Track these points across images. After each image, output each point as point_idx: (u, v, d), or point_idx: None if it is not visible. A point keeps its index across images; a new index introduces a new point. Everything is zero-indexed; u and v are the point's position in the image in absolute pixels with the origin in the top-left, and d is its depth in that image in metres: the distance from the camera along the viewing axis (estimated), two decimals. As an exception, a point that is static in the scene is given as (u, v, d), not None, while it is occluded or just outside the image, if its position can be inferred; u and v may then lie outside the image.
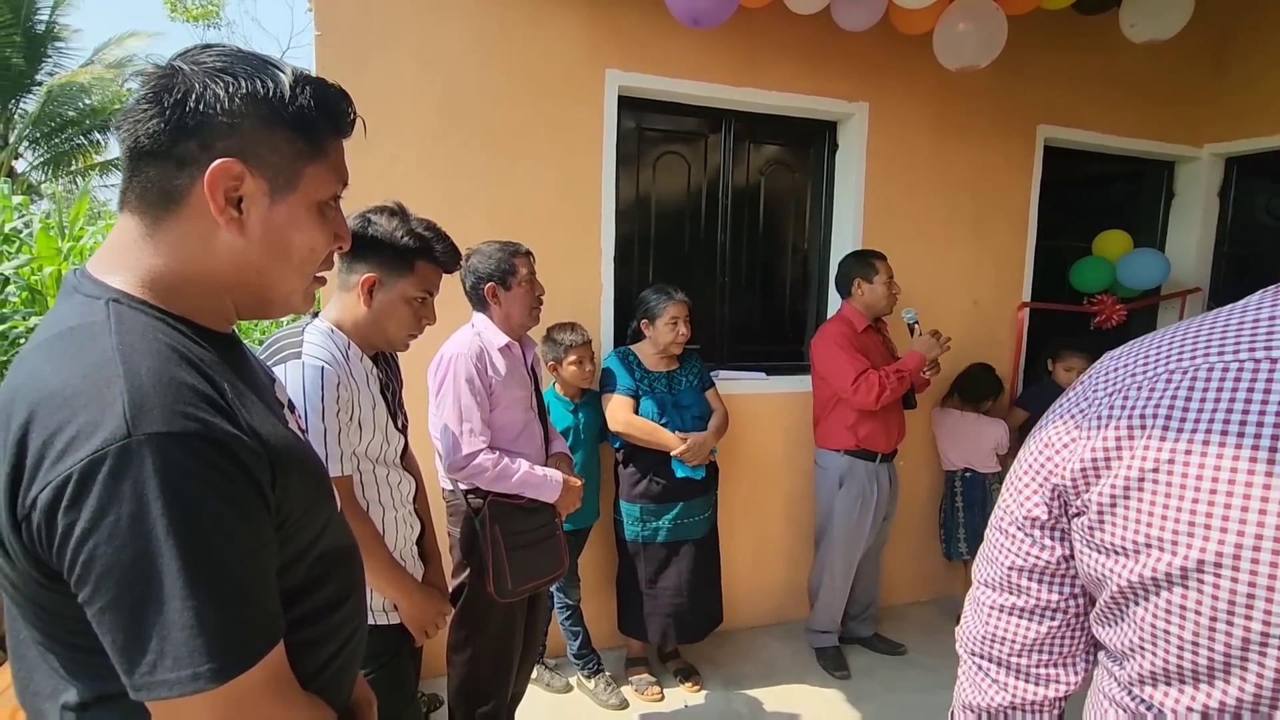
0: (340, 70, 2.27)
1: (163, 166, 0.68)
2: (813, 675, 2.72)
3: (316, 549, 0.79)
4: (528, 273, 1.89)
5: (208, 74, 0.67)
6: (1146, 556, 0.54)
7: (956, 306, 3.23)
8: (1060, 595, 0.65)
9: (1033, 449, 0.66)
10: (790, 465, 3.02)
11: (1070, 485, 0.60)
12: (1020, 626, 0.68)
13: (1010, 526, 0.67)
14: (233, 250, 0.71)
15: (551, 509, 1.91)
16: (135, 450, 0.57)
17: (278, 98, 0.70)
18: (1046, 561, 0.65)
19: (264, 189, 0.71)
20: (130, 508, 0.57)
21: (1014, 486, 0.68)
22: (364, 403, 1.37)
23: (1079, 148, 3.39)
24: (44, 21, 12.25)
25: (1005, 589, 0.68)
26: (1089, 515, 0.59)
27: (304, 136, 0.72)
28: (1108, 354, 0.65)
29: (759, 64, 2.78)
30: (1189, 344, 0.56)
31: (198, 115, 0.66)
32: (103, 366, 0.60)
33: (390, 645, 1.41)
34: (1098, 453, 0.58)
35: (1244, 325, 0.54)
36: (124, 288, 0.68)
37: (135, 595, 0.57)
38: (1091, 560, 0.60)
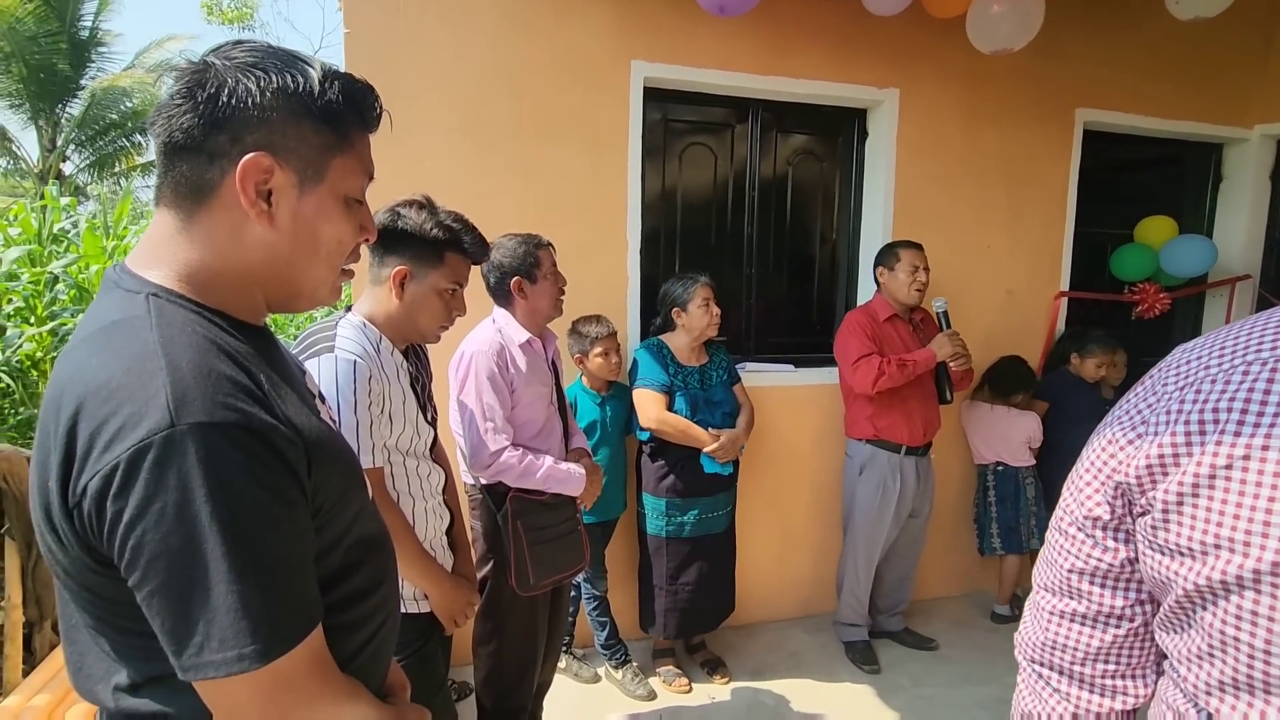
0: (369, 66, 2.30)
1: (195, 161, 0.69)
2: (841, 669, 2.71)
3: (350, 536, 0.81)
4: (550, 265, 1.90)
5: (239, 69, 0.69)
6: (1215, 558, 0.51)
7: (990, 296, 3.16)
8: (1125, 601, 0.62)
9: (1096, 446, 0.63)
10: (818, 458, 2.99)
11: (1134, 483, 0.57)
12: (1082, 634, 0.64)
13: (1070, 527, 0.64)
14: (263, 243, 0.73)
15: (573, 504, 1.92)
16: (179, 439, 0.59)
17: (306, 91, 0.71)
18: (1109, 564, 0.62)
19: (293, 181, 0.73)
20: (175, 495, 0.59)
21: (1075, 485, 0.65)
22: (395, 396, 1.39)
23: (1120, 131, 3.28)
24: (88, 27, 12.66)
25: (1065, 593, 0.65)
26: (1154, 514, 0.56)
27: (331, 129, 0.74)
28: (1180, 346, 0.61)
29: (786, 52, 2.74)
30: (1270, 335, 0.53)
31: (229, 109, 0.68)
32: (145, 359, 0.63)
33: (421, 633, 1.44)
34: (1165, 448, 0.55)
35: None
36: (162, 282, 0.70)
37: (182, 580, 0.60)
38: (1155, 562, 0.57)
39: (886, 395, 2.57)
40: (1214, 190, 3.57)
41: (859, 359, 2.54)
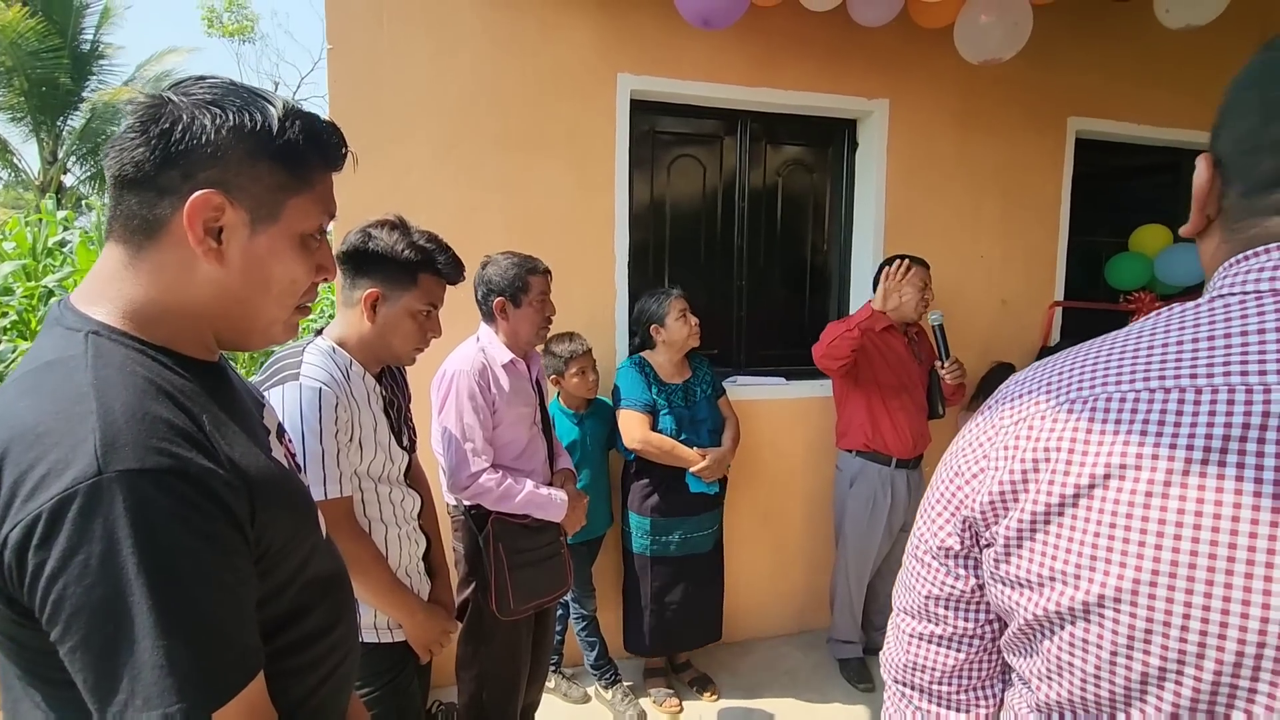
0: (352, 82, 2.30)
1: (145, 195, 0.68)
2: (835, 687, 2.67)
3: (302, 577, 0.79)
4: (540, 291, 1.86)
5: (196, 105, 0.68)
6: (1050, 590, 0.54)
7: (984, 306, 3.13)
8: (975, 623, 0.66)
9: (944, 476, 0.65)
10: (810, 471, 2.96)
11: (979, 517, 0.59)
12: (939, 654, 0.68)
13: (925, 555, 0.67)
14: (212, 280, 0.72)
15: (556, 527, 1.89)
16: (106, 488, 0.57)
17: (264, 130, 0.70)
18: (961, 591, 0.65)
19: (245, 220, 0.71)
20: (100, 547, 0.56)
21: (928, 514, 0.67)
22: (365, 422, 1.36)
23: (1113, 139, 3.25)
24: (89, 40, 12.74)
25: (924, 617, 0.69)
26: (996, 548, 0.58)
27: (288, 169, 0.73)
28: (1013, 376, 0.63)
29: (774, 63, 2.73)
30: (1088, 371, 0.55)
31: (182, 144, 0.67)
32: (76, 402, 0.61)
33: (394, 663, 1.41)
34: (1004, 485, 0.57)
35: (1139, 351, 0.53)
36: (105, 319, 0.68)
37: (106, 635, 0.57)
38: (999, 592, 0.60)
39: (877, 405, 2.55)
40: (1210, 197, 3.53)
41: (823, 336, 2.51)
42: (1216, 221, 0.57)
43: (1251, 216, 0.53)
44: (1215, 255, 0.57)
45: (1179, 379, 0.49)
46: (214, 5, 14.24)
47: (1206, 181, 0.57)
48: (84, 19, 12.47)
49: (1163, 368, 0.51)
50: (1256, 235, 0.53)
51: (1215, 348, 0.49)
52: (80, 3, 12.32)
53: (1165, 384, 0.50)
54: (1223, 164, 0.56)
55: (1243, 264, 0.53)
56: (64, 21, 12.00)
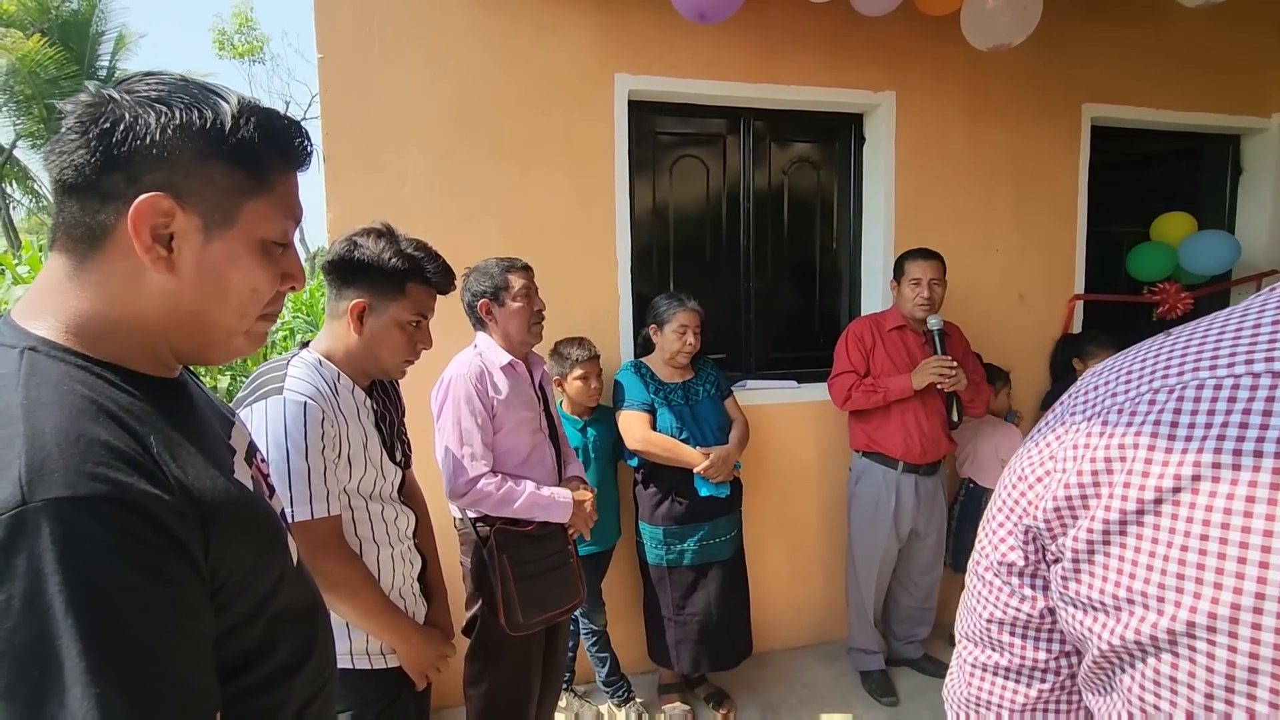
0: (344, 91, 2.26)
1: (87, 201, 0.63)
2: (857, 701, 2.57)
3: (269, 609, 0.73)
4: (522, 287, 1.82)
5: (140, 102, 0.63)
6: (1129, 615, 0.45)
7: (1001, 302, 3.03)
8: (1049, 654, 0.55)
9: (1007, 483, 0.56)
10: (825, 476, 2.87)
11: (1044, 527, 0.51)
12: (1007, 689, 0.58)
13: (987, 573, 0.58)
14: (163, 291, 0.66)
15: (563, 536, 1.83)
16: (30, 519, 0.52)
17: (215, 128, 0.65)
18: (1028, 614, 0.55)
19: (197, 225, 0.66)
20: (23, 584, 0.51)
21: (989, 526, 0.58)
22: (354, 438, 1.31)
23: (1130, 125, 3.14)
24: (105, 67, 13.01)
25: (986, 644, 0.59)
26: (1064, 563, 0.49)
27: (244, 169, 0.68)
28: (1090, 370, 0.55)
29: (776, 58, 2.66)
30: (1176, 356, 0.46)
31: (124, 145, 0.62)
32: (3, 425, 0.55)
33: (388, 690, 1.34)
34: (1072, 489, 0.48)
35: (1242, 331, 0.44)
36: (46, 334, 0.63)
37: (30, 683, 0.51)
38: (1069, 615, 0.50)
39: (882, 408, 2.48)
40: (1234, 183, 3.41)
41: (837, 374, 2.54)
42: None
43: None
44: None
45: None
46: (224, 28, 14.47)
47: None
48: (100, 46, 12.75)
49: (1270, 348, 0.42)
50: None
51: None
52: (97, 31, 12.60)
53: (1274, 366, 0.41)
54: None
55: None
56: (81, 49, 12.27)
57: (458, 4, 2.34)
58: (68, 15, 12.41)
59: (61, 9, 12.35)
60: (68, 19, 12.38)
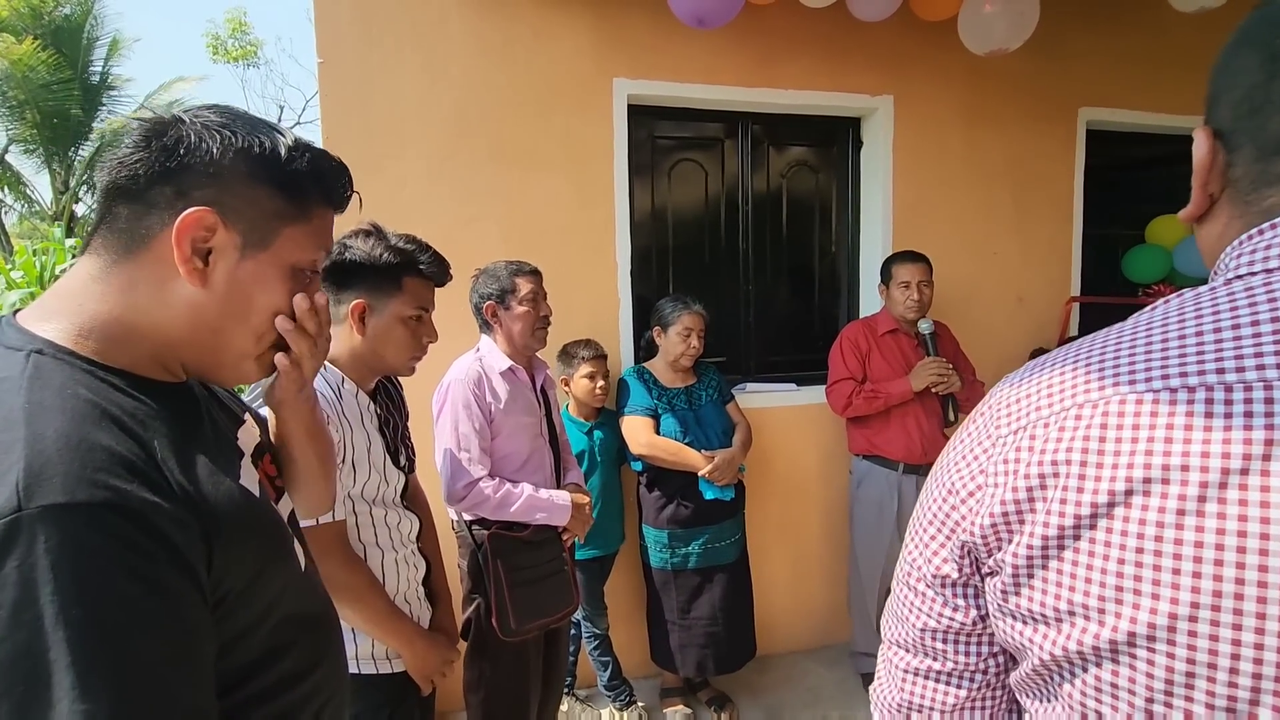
0: (344, 96, 2.26)
1: (134, 208, 0.65)
2: (860, 703, 2.56)
3: (276, 614, 0.72)
4: (530, 292, 1.82)
5: (205, 126, 0.66)
6: (1070, 626, 0.46)
7: (999, 304, 3.04)
8: (978, 656, 0.58)
9: (935, 495, 0.57)
10: (826, 478, 2.88)
11: (980, 542, 0.52)
12: (939, 692, 0.61)
13: (919, 584, 0.59)
14: (190, 303, 0.68)
15: (559, 542, 1.82)
16: (25, 526, 0.51)
17: (270, 155, 0.69)
18: (961, 623, 0.57)
19: (235, 243, 0.68)
20: (13, 594, 0.50)
21: (919, 538, 0.59)
22: (358, 443, 1.31)
23: (1125, 129, 3.17)
24: (99, 72, 12.95)
25: (919, 651, 0.61)
26: (1002, 576, 0.51)
27: (288, 198, 0.71)
28: (1006, 379, 0.56)
29: (774, 63, 2.67)
30: (1094, 370, 0.48)
31: (181, 161, 0.65)
32: (4, 429, 0.55)
33: (394, 695, 1.34)
34: (1008, 505, 0.49)
35: (1152, 346, 0.46)
36: (53, 337, 0.63)
37: (16, 696, 0.50)
38: (1008, 626, 0.52)
39: (881, 412, 2.49)
40: (1228, 185, 3.44)
41: (835, 381, 2.56)
42: (1222, 199, 0.51)
43: (1266, 185, 0.47)
44: (1224, 235, 0.51)
45: (1204, 375, 0.42)
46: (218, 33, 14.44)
47: (1207, 155, 0.51)
48: (94, 51, 12.68)
49: (1183, 363, 0.44)
50: (1275, 205, 0.47)
51: (1243, 337, 0.42)
52: (90, 36, 12.54)
53: (1189, 382, 0.43)
54: (1224, 134, 0.50)
55: (1261, 237, 0.47)
56: (74, 54, 12.20)
57: (457, 10, 2.34)
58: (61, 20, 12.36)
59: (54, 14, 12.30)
60: (61, 24, 12.33)
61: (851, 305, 3.04)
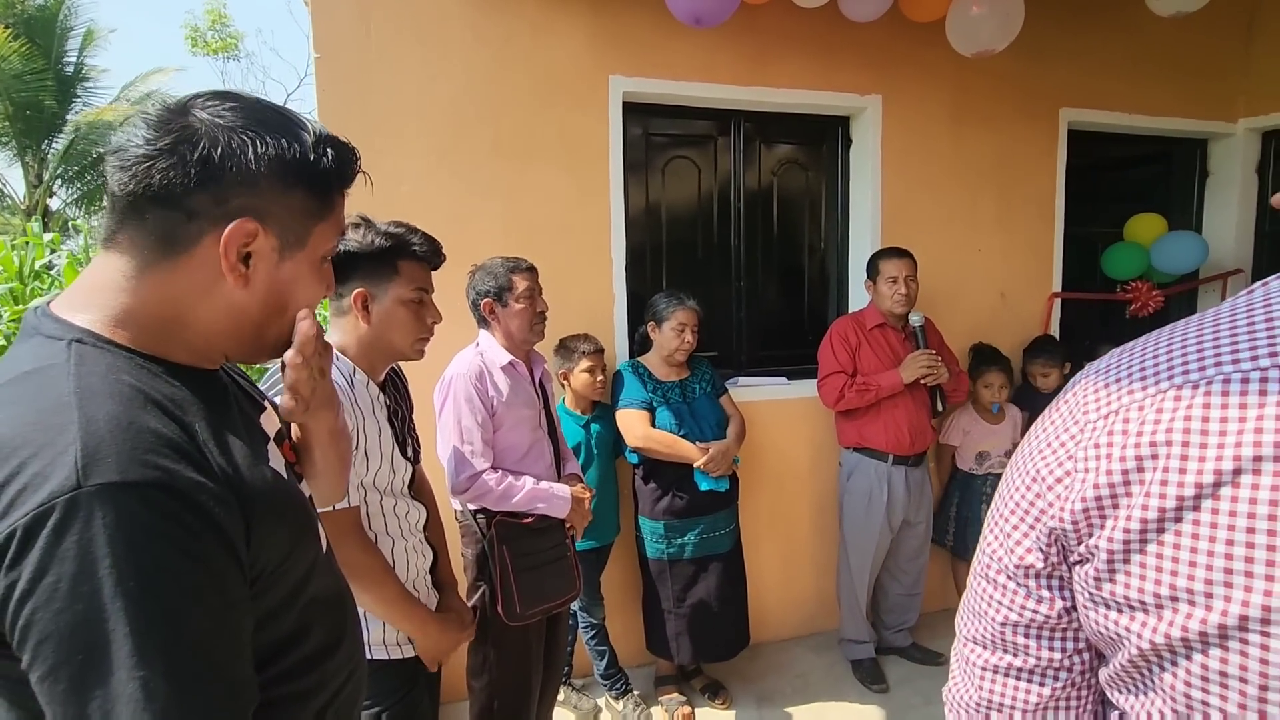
0: (341, 90, 2.27)
1: (170, 214, 0.66)
2: (849, 689, 2.63)
3: (304, 596, 0.76)
4: (526, 288, 1.85)
5: (230, 129, 0.66)
6: (1174, 613, 0.45)
7: (984, 300, 3.12)
8: (1063, 653, 0.56)
9: (1018, 484, 0.56)
10: (816, 471, 2.93)
11: (1070, 528, 0.51)
12: (1020, 690, 0.58)
13: (999, 575, 0.58)
14: (231, 303, 0.70)
15: (562, 529, 1.86)
16: (84, 503, 0.53)
17: (301, 160, 0.70)
18: (1045, 615, 0.56)
19: (274, 246, 0.71)
20: (72, 567, 0.52)
21: (1000, 527, 0.58)
22: (370, 431, 1.33)
23: (1105, 130, 3.26)
24: (73, 63, 12.67)
25: (1000, 647, 0.59)
26: (1095, 563, 0.49)
27: (317, 196, 0.73)
28: (1091, 365, 0.55)
29: (767, 62, 2.72)
30: (1193, 349, 0.47)
31: (220, 170, 0.65)
32: (57, 413, 0.57)
33: (405, 680, 1.37)
34: (1102, 489, 0.48)
35: (1256, 324, 0.45)
36: (91, 326, 0.65)
37: (75, 665, 0.52)
38: (1101, 616, 0.50)
39: (870, 405, 2.55)
40: (1201, 186, 3.55)
41: (827, 375, 2.60)
42: None
43: None
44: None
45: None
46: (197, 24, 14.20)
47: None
48: (68, 41, 12.41)
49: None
50: None
51: None
52: (64, 26, 12.27)
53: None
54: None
55: None
56: (47, 44, 11.94)
57: (456, 5, 2.36)
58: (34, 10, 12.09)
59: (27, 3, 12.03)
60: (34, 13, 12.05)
61: (841, 301, 3.10)
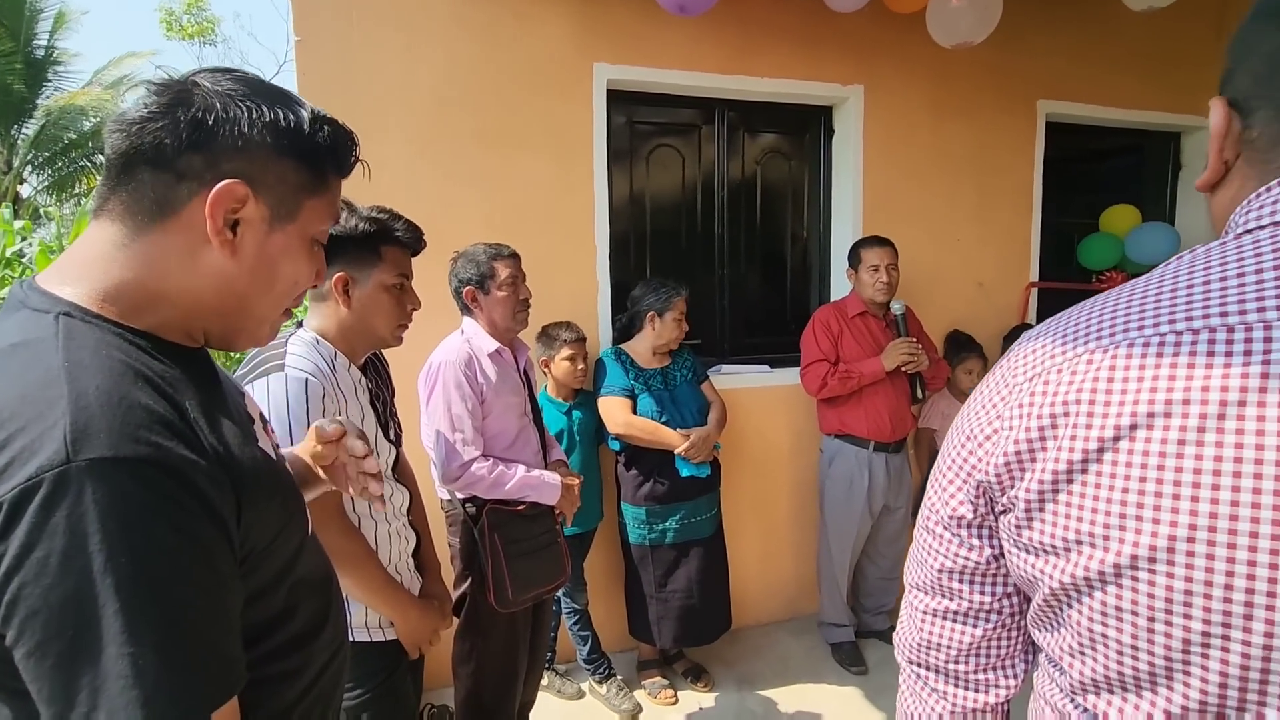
0: (322, 76, 2.25)
1: (161, 176, 0.65)
2: (828, 671, 2.68)
3: (291, 576, 0.76)
4: (509, 276, 1.85)
5: (227, 95, 0.67)
6: (1078, 555, 0.50)
7: (962, 290, 3.17)
8: (993, 596, 0.62)
9: (955, 442, 0.62)
10: (797, 457, 2.97)
11: (994, 481, 0.56)
12: (955, 631, 0.65)
13: (937, 526, 0.64)
14: (218, 272, 0.69)
15: (551, 516, 1.87)
16: (74, 477, 0.52)
17: (295, 129, 0.70)
18: (976, 562, 0.61)
19: (264, 215, 0.70)
20: (63, 542, 0.52)
21: (938, 483, 0.64)
22: (352, 414, 1.33)
23: (1081, 122, 3.31)
24: (43, 46, 12.34)
25: (937, 592, 0.65)
26: (1015, 512, 0.55)
27: (311, 170, 0.73)
28: (1026, 334, 0.60)
29: (750, 51, 2.73)
30: (1107, 319, 0.52)
31: (211, 133, 0.65)
32: (46, 386, 0.56)
33: (387, 662, 1.37)
34: (1021, 445, 0.53)
35: (1161, 296, 0.50)
36: (79, 300, 0.64)
37: (65, 640, 0.52)
38: (1021, 560, 0.56)
39: (852, 392, 2.59)
40: (1174, 178, 3.62)
41: (809, 363, 2.63)
42: (1238, 164, 0.54)
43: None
44: (1237, 197, 0.54)
45: (1208, 319, 0.46)
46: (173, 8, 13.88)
47: (1223, 122, 0.54)
48: (37, 24, 12.08)
49: (1189, 309, 0.47)
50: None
51: (1246, 284, 0.46)
52: (33, 8, 11.93)
53: (1194, 325, 0.46)
54: (1240, 102, 0.53)
55: (1269, 194, 0.50)
56: (16, 27, 11.61)
57: (439, -11, 2.34)
58: (2, -10, 11.76)
59: (-5, -16, 11.69)
60: (2, -5, 11.73)
61: (823, 289, 3.13)
